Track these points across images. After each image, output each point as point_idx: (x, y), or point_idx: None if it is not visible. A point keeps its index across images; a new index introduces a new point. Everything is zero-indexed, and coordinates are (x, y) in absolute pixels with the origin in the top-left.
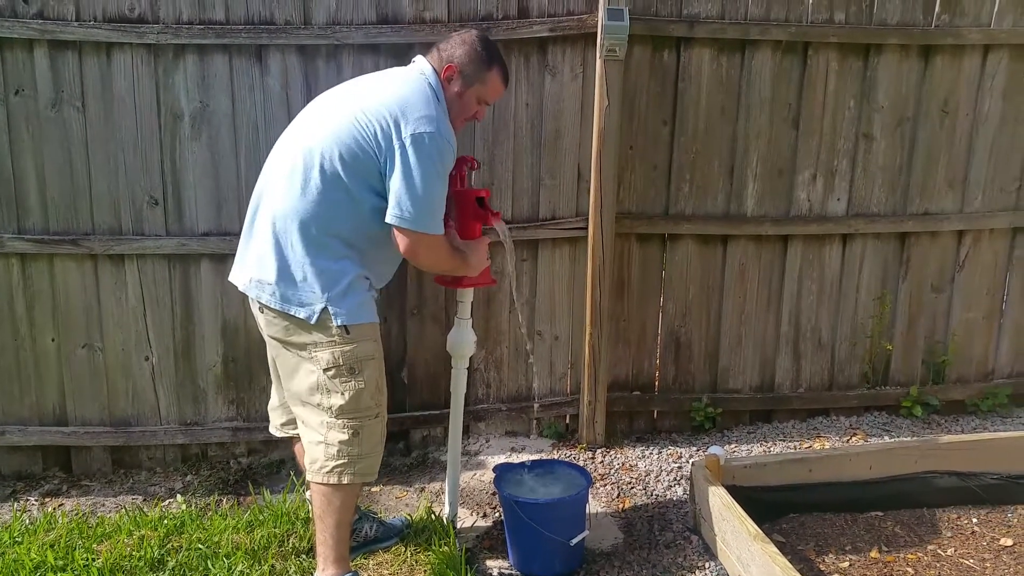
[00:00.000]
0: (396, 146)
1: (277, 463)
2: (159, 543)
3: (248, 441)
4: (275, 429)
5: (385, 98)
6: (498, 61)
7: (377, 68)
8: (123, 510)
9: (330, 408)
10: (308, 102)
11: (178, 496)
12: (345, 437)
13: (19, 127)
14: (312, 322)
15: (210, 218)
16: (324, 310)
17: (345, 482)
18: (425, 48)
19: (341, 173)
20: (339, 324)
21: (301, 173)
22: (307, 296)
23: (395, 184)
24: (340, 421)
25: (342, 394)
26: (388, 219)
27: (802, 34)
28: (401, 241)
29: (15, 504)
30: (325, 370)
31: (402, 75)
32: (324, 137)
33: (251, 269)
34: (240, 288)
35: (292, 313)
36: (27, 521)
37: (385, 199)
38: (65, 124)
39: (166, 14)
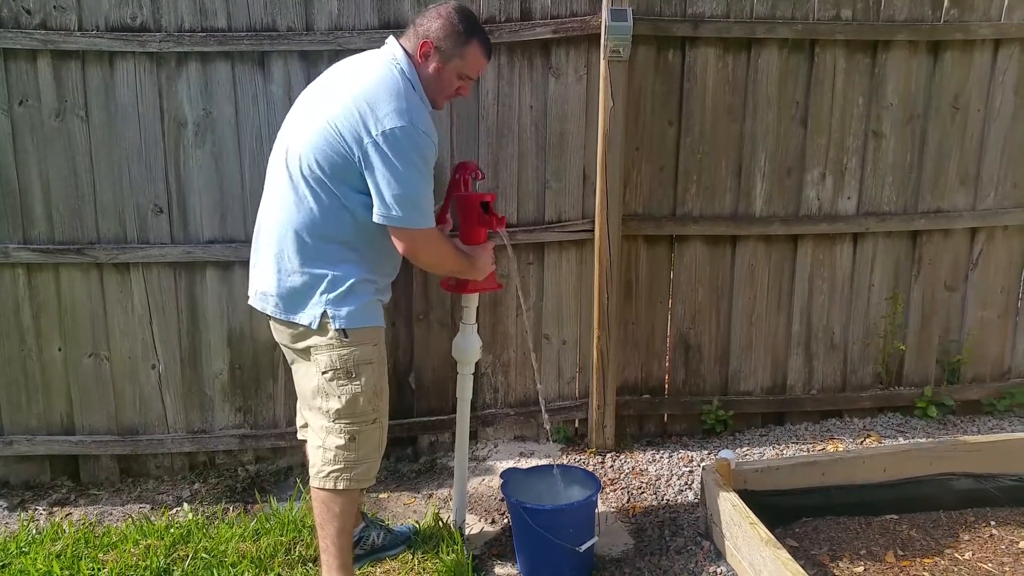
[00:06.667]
0: (368, 145)
1: (285, 470)
2: (165, 552)
3: (256, 448)
4: (300, 432)
5: (353, 96)
6: (478, 33)
7: None
8: (130, 519)
9: (328, 412)
10: None
11: (185, 505)
12: (342, 442)
13: (23, 137)
14: (314, 327)
15: (215, 226)
16: (324, 314)
17: (341, 487)
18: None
19: (325, 180)
20: (337, 327)
21: (289, 185)
22: (307, 303)
23: (375, 183)
24: (337, 425)
25: (339, 397)
26: (376, 219)
27: (809, 32)
28: (397, 242)
29: (23, 514)
30: (323, 373)
31: (372, 64)
32: (302, 146)
33: (256, 282)
34: (250, 302)
35: (295, 321)
36: (34, 531)
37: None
38: (69, 134)
39: (168, 22)
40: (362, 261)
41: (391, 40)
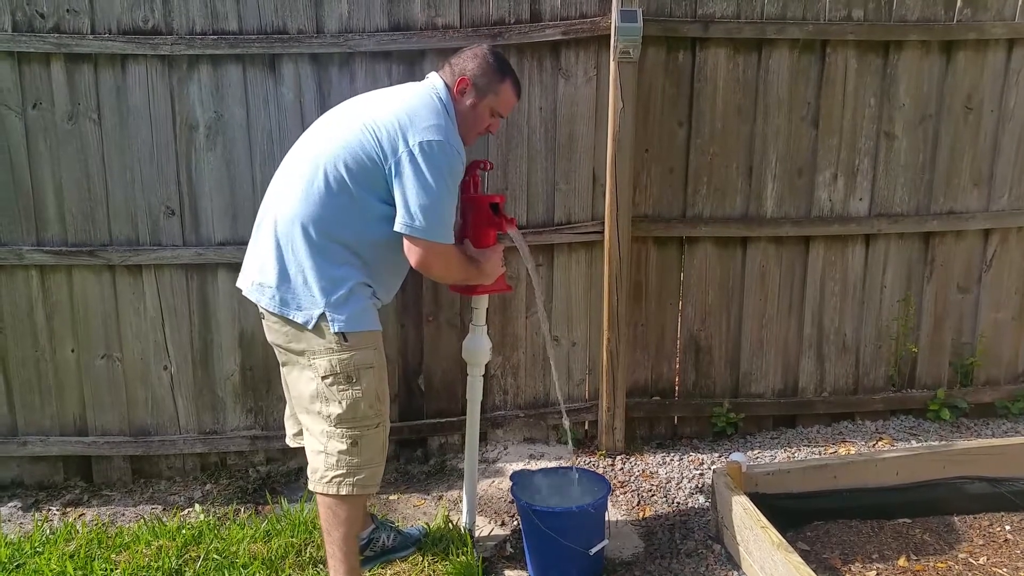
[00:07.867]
0: (403, 153)
1: (296, 471)
2: (177, 553)
3: (267, 449)
4: (290, 439)
5: (394, 107)
6: (510, 73)
7: (390, 75)
8: (142, 520)
9: (329, 417)
10: (322, 110)
11: (196, 505)
12: (344, 447)
13: (37, 140)
14: (309, 328)
15: (226, 227)
16: (322, 316)
17: (344, 493)
18: (438, 54)
19: (347, 180)
20: (336, 331)
21: (306, 179)
22: (306, 300)
23: (403, 192)
24: (339, 430)
25: (339, 402)
26: (397, 228)
27: (820, 32)
28: (412, 252)
29: (37, 514)
30: (323, 378)
31: (412, 87)
32: (331, 146)
33: (253, 273)
34: (243, 292)
35: (290, 317)
36: (48, 531)
37: (393, 206)
38: (82, 136)
39: (179, 25)
40: (363, 266)
41: (433, 74)
